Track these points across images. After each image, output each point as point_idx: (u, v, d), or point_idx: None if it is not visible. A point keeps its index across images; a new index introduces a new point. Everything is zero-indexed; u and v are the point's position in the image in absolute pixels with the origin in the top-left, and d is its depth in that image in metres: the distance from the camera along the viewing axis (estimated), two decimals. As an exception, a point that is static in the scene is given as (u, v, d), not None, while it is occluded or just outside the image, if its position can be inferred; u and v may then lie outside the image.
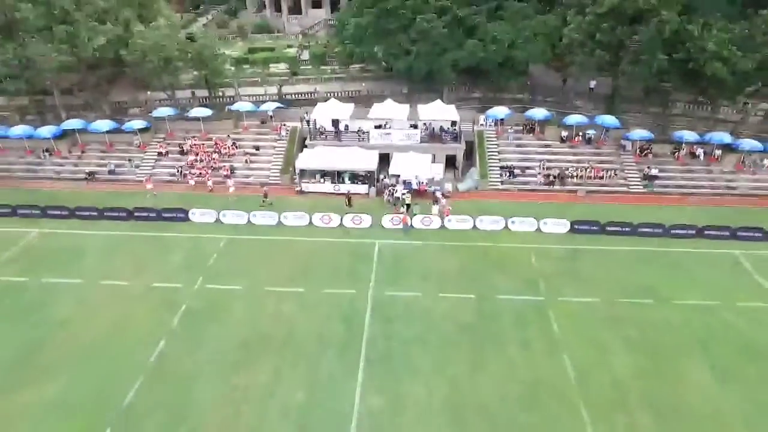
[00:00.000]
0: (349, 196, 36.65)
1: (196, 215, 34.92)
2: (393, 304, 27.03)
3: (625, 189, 39.19)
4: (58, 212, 35.27)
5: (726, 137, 39.63)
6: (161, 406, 21.19)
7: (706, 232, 32.99)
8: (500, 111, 43.07)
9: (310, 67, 55.08)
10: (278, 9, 75.89)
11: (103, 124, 42.12)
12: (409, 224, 34.04)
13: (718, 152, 40.39)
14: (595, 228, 33.41)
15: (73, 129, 42.47)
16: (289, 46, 64.23)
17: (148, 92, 46.98)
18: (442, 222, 34.27)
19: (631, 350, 24.08)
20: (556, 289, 28.16)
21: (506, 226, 33.98)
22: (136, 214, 35.05)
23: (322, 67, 54.55)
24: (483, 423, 20.40)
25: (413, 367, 23.07)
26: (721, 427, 20.27)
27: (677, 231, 33.05)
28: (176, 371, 22.94)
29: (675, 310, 26.64)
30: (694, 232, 33.04)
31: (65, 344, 24.48)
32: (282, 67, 55.83)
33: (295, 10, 75.43)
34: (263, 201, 36.40)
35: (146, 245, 32.38)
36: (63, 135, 42.58)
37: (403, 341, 24.59)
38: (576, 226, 33.62)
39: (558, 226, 33.76)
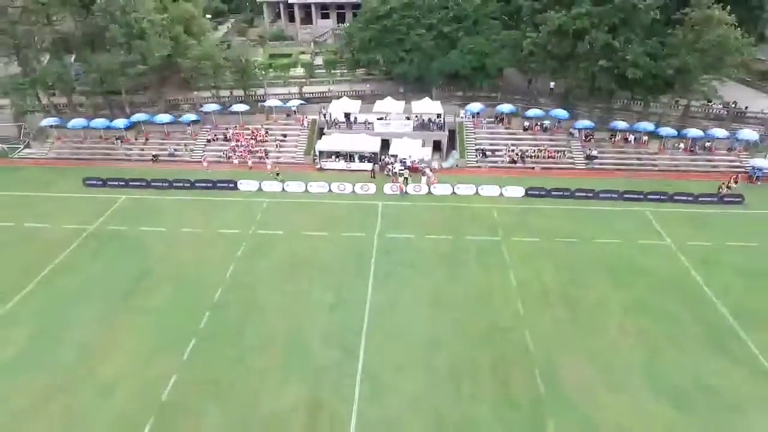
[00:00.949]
0: (374, 171, 45.77)
1: (243, 185, 43.97)
2: (392, 242, 36.17)
3: (571, 166, 48.36)
4: (138, 183, 44.21)
5: (650, 126, 48.73)
6: (238, 302, 30.23)
7: (625, 195, 42.12)
8: (476, 106, 52.16)
9: (323, 71, 63.92)
10: (291, 19, 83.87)
11: (164, 117, 51.14)
12: (404, 191, 43.19)
13: (645, 138, 49.57)
14: (543, 192, 42.60)
15: (139, 121, 51.52)
16: (303, 53, 72.77)
17: (195, 92, 55.92)
18: (429, 189, 43.44)
19: (557, 270, 33.22)
20: (510, 233, 37.32)
21: (477, 192, 43.11)
22: (197, 184, 44.12)
23: (334, 71, 63.38)
24: (451, 311, 29.42)
25: (405, 280, 32.15)
26: (605, 310, 29.47)
27: (604, 194, 42.23)
28: (244, 283, 31.99)
29: (593, 246, 35.83)
30: (616, 195, 42.19)
31: (164, 270, 33.44)
32: (300, 70, 64.68)
33: (307, 20, 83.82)
34: (276, 176, 45.10)
35: (208, 206, 41.49)
36: (131, 126, 51.73)
37: (399, 265, 33.64)
38: (529, 192, 42.75)
39: (516, 191, 42.89)
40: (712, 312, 29.72)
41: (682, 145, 49.02)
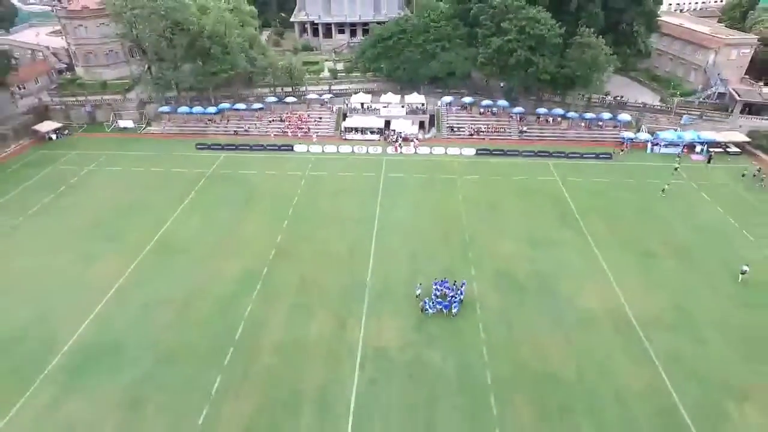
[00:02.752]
0: (385, 138, 66.39)
1: (297, 148, 64.62)
2: (392, 179, 56.90)
3: (509, 137, 68.89)
4: (230, 147, 64.77)
5: (561, 111, 69.44)
6: (306, 205, 50.97)
7: (538, 154, 62.84)
8: (448, 99, 72.81)
9: (344, 74, 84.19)
10: (315, 34, 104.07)
11: (240, 106, 71.83)
12: (400, 151, 64.17)
13: (559, 119, 70.18)
14: (487, 152, 63.30)
15: (224, 108, 72.25)
16: (327, 60, 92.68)
17: (257, 89, 76.66)
18: (415, 151, 64.24)
19: (487, 192, 53.90)
20: (463, 174, 58.02)
21: (446, 152, 63.78)
22: (268, 147, 64.83)
23: (351, 75, 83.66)
24: (424, 210, 50.04)
25: (400, 195, 52.80)
26: (509, 210, 50.24)
27: (525, 153, 62.84)
28: (307, 199, 52.59)
29: (511, 180, 56.55)
30: (533, 153, 62.87)
31: (261, 192, 53.98)
32: (327, 74, 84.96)
33: (327, 35, 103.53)
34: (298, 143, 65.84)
35: (277, 160, 62.09)
36: (218, 112, 72.49)
37: (396, 188, 54.40)
38: (478, 151, 63.49)
39: (470, 151, 63.54)
40: (568, 210, 50.58)
41: (583, 124, 69.71)
